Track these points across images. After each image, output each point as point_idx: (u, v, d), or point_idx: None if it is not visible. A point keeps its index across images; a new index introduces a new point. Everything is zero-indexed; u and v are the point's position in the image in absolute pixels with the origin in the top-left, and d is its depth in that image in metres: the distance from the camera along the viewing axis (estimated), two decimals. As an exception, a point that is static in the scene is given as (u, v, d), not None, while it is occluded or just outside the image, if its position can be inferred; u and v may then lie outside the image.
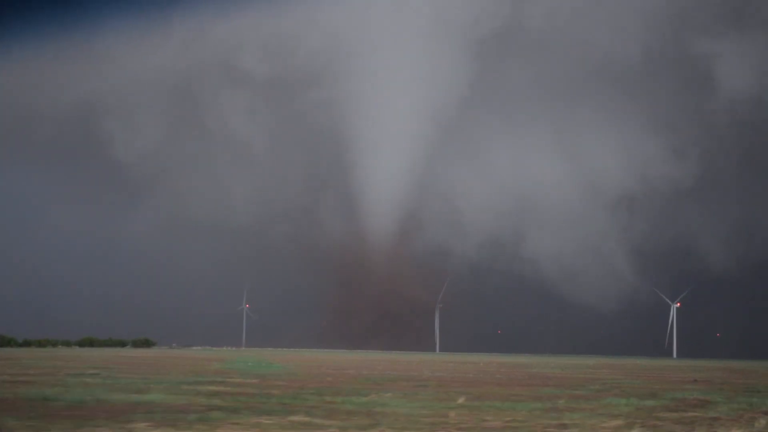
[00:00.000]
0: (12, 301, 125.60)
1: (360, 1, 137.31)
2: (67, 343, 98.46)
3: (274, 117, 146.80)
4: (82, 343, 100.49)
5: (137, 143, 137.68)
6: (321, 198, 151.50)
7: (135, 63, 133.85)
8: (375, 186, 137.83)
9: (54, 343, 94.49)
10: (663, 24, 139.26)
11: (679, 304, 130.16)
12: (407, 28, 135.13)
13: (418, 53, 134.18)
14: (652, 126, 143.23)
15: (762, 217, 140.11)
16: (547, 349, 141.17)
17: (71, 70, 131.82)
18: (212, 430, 14.13)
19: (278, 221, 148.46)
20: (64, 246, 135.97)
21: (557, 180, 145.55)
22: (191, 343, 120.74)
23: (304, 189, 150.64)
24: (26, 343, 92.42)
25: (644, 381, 34.60)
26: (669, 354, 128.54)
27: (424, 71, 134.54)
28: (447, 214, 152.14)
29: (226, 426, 14.57)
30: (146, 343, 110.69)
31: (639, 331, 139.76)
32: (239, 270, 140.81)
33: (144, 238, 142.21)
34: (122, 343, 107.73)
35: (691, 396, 24.95)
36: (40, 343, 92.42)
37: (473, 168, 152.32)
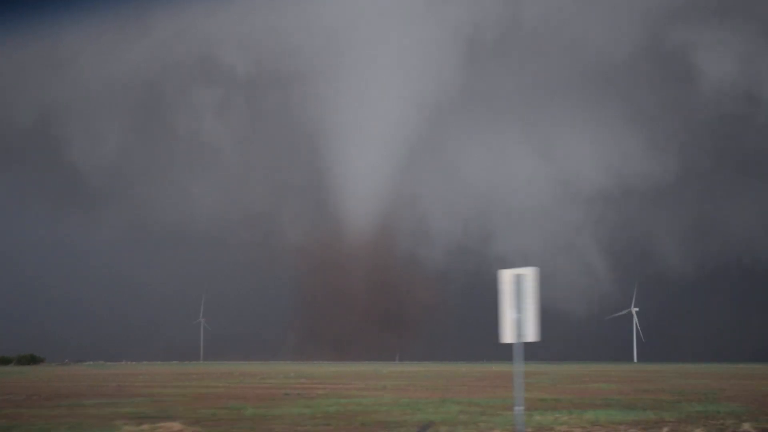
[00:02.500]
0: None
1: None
2: None
3: (244, 120, 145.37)
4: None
5: (101, 149, 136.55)
6: (289, 204, 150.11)
7: (103, 66, 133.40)
8: (348, 193, 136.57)
9: None
10: (645, 19, 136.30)
11: (637, 309, 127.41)
12: (392, 30, 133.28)
13: (401, 55, 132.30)
14: (631, 121, 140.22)
15: (740, 215, 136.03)
16: (534, 356, 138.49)
17: (33, 76, 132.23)
18: None
19: (245, 228, 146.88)
20: (20, 256, 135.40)
21: (533, 180, 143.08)
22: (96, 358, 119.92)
23: (272, 195, 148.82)
24: None
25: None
26: (630, 358, 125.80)
27: (407, 73, 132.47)
28: (421, 219, 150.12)
29: None
30: (32, 360, 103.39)
31: (613, 335, 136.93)
32: (202, 281, 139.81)
33: (105, 249, 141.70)
34: (6, 360, 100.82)
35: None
36: None
37: (450, 172, 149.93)
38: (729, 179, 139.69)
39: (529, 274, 14.47)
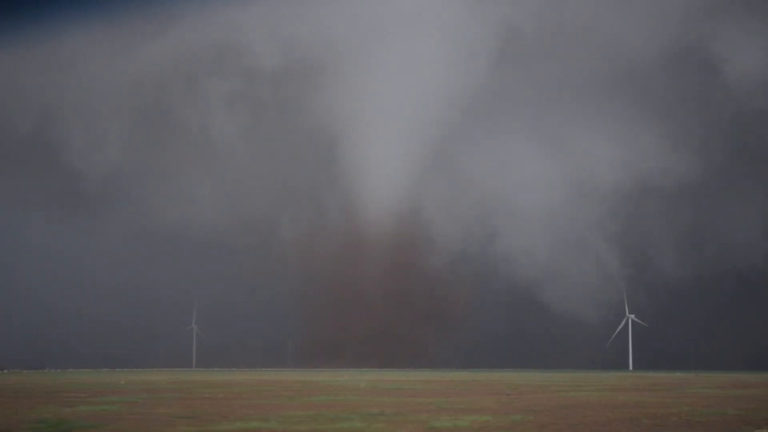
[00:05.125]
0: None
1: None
2: None
3: (255, 117, 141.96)
4: None
5: (103, 151, 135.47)
6: (296, 207, 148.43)
7: (108, 64, 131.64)
8: (360, 195, 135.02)
9: None
10: (671, 15, 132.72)
11: (633, 316, 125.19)
12: (410, 31, 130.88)
13: (429, 54, 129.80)
14: (650, 119, 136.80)
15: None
16: (541, 364, 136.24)
17: (33, 76, 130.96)
18: None
19: (248, 232, 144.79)
20: (18, 262, 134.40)
21: (552, 179, 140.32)
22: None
23: (278, 197, 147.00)
24: None
25: None
26: (625, 366, 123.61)
27: (435, 72, 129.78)
28: (432, 224, 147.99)
29: None
30: None
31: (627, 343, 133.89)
32: (201, 287, 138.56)
33: (103, 254, 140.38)
34: None
35: None
36: None
37: (464, 175, 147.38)
38: (731, 183, 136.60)
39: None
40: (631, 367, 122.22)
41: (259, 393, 39.07)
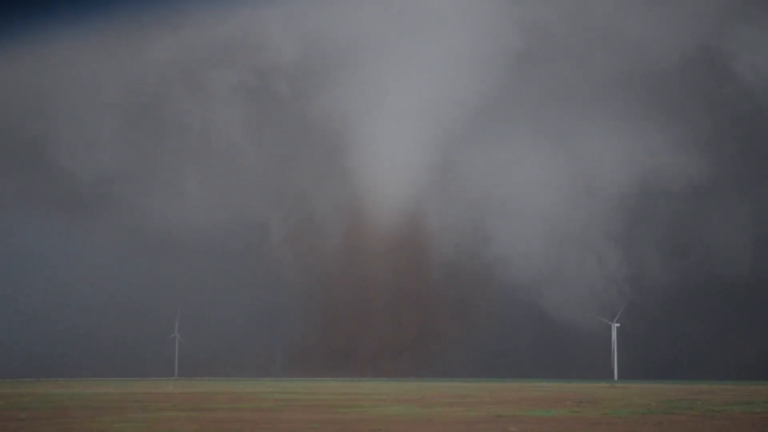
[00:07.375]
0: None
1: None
2: None
3: (257, 116, 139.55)
4: None
5: (97, 150, 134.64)
6: (289, 211, 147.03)
7: (104, 63, 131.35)
8: (363, 199, 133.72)
9: None
10: (681, 15, 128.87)
11: (618, 324, 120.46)
12: (424, 31, 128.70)
13: (438, 59, 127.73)
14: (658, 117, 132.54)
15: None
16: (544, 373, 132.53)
17: (22, 72, 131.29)
18: None
19: (242, 236, 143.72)
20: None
21: (558, 185, 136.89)
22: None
23: (273, 201, 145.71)
24: None
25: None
26: (610, 375, 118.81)
27: (441, 78, 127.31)
28: (439, 226, 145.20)
29: None
30: None
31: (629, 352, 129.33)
32: (193, 292, 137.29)
33: (96, 260, 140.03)
34: None
35: None
36: None
37: (471, 181, 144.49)
38: (737, 186, 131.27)
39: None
40: (616, 377, 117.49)
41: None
